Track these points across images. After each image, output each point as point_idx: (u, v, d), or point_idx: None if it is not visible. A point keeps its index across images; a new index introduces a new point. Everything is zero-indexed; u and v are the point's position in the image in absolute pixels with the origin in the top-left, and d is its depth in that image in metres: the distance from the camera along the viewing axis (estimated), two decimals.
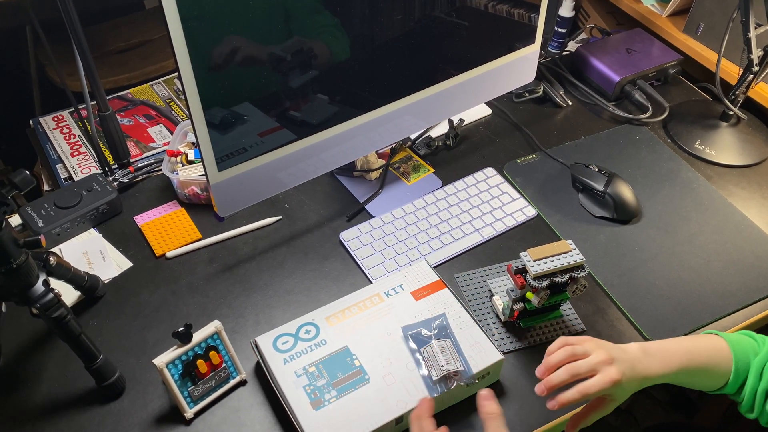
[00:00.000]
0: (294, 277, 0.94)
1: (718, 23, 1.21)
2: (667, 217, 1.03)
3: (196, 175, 1.01)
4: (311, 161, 0.92)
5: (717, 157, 1.13)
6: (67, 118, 1.22)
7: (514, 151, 1.15)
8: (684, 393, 1.51)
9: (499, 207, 1.03)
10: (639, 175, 1.09)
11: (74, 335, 0.74)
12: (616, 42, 1.30)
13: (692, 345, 0.74)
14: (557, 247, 0.79)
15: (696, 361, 0.73)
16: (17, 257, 0.70)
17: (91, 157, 1.13)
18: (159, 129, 1.20)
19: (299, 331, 0.81)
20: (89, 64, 0.93)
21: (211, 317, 0.84)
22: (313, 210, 1.04)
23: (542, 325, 0.87)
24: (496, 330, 0.86)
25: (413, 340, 0.79)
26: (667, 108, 1.20)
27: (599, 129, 1.19)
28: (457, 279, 0.93)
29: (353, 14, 0.84)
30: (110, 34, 1.65)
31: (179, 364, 0.75)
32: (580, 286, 0.81)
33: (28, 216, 0.96)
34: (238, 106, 0.80)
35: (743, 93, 1.13)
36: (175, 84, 1.31)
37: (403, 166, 1.11)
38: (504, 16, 1.01)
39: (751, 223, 1.02)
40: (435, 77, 0.98)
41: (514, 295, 0.82)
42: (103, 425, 0.77)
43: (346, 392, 0.75)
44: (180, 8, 0.69)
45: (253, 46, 0.77)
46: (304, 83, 0.84)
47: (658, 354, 0.72)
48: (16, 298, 0.73)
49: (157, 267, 0.95)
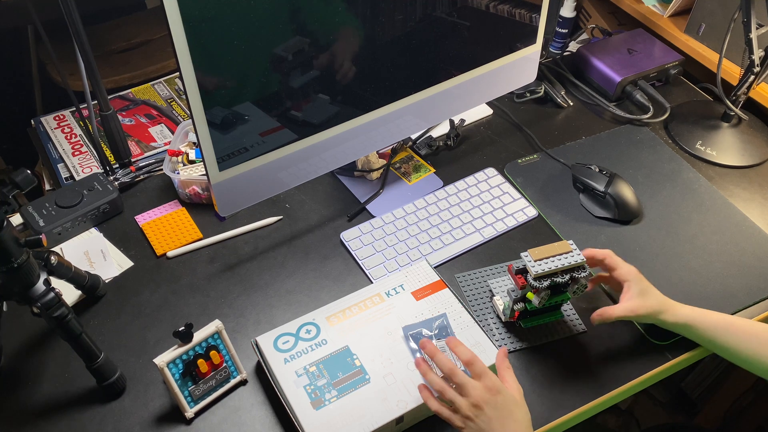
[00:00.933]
0: (295, 277, 0.94)
1: (720, 24, 1.21)
2: (668, 217, 1.03)
3: (197, 175, 1.01)
4: (312, 161, 0.92)
5: (718, 157, 1.13)
6: (69, 118, 1.22)
7: (515, 152, 1.15)
8: (685, 394, 1.51)
9: (500, 207, 1.03)
10: (640, 176, 1.09)
11: (75, 334, 0.74)
12: (618, 42, 1.30)
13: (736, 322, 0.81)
14: (558, 247, 0.79)
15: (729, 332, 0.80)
16: (18, 256, 0.70)
17: (93, 157, 1.14)
18: (160, 128, 1.20)
19: (300, 331, 0.81)
20: (91, 63, 0.93)
21: (212, 317, 0.84)
22: (314, 210, 1.04)
23: (543, 325, 0.87)
24: (497, 330, 0.86)
25: (414, 340, 0.79)
26: (669, 108, 1.20)
27: (600, 129, 1.19)
28: (457, 279, 0.93)
29: (354, 13, 0.84)
30: (112, 33, 1.65)
31: (180, 363, 0.75)
32: (580, 286, 0.81)
33: (29, 215, 0.96)
34: (239, 106, 0.80)
35: (744, 93, 1.13)
36: (176, 83, 1.31)
37: (404, 166, 1.11)
38: (505, 16, 1.01)
39: (752, 224, 1.01)
40: (436, 77, 0.98)
41: (515, 296, 0.82)
42: (103, 424, 0.77)
43: (347, 392, 0.75)
44: (181, 8, 0.69)
45: (255, 46, 0.78)
46: (306, 83, 0.84)
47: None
48: (18, 297, 0.73)
49: (158, 266, 0.95)
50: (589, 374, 0.83)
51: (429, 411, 0.77)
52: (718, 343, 0.81)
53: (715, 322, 0.81)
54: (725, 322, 0.81)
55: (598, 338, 0.86)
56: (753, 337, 0.79)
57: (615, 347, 0.86)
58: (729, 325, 0.81)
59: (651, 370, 0.84)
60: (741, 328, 0.80)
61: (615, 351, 0.85)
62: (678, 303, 0.83)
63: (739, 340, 0.79)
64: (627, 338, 0.87)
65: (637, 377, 0.83)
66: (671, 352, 0.86)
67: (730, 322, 0.81)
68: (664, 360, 0.85)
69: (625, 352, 0.85)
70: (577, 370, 0.83)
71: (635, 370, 0.84)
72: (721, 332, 0.80)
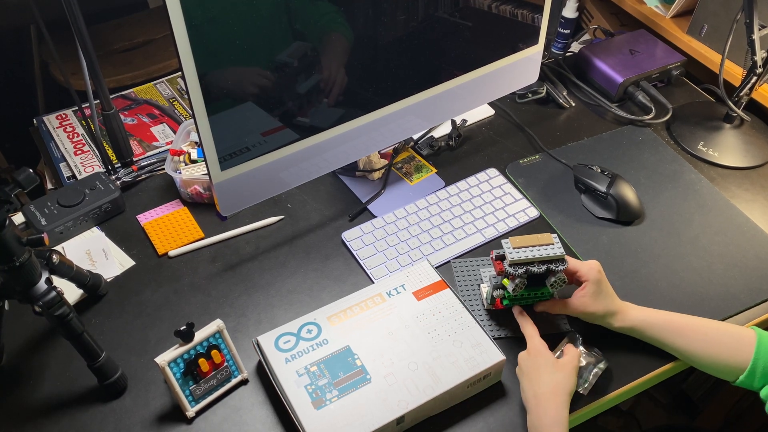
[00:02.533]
0: (296, 277, 0.94)
1: (722, 25, 1.21)
2: (670, 218, 1.03)
3: (199, 174, 1.01)
4: (314, 161, 0.92)
5: (720, 158, 1.13)
6: (71, 117, 1.22)
7: (516, 152, 1.14)
8: (686, 395, 1.51)
9: (501, 208, 1.03)
10: (642, 177, 1.09)
11: (76, 333, 0.75)
12: (620, 43, 1.30)
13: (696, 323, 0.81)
14: (540, 238, 0.80)
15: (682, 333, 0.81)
16: (20, 255, 0.70)
17: (95, 156, 1.14)
18: (162, 128, 1.20)
19: (301, 331, 0.81)
20: (93, 62, 0.93)
21: (213, 316, 0.84)
22: (316, 210, 1.04)
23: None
24: (478, 316, 0.87)
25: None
26: (671, 109, 1.20)
27: (602, 130, 1.19)
28: (452, 265, 0.95)
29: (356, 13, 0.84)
30: (114, 33, 1.65)
31: (181, 362, 0.75)
32: (558, 280, 0.81)
33: (31, 214, 0.96)
34: (241, 106, 0.80)
35: (747, 95, 1.13)
36: (178, 83, 1.31)
37: (405, 166, 1.11)
38: (507, 16, 1.01)
39: (754, 225, 1.01)
40: (438, 77, 0.98)
41: (494, 282, 0.83)
42: (104, 423, 0.77)
43: (348, 392, 0.75)
44: (184, 7, 0.69)
45: (256, 46, 0.78)
46: (308, 83, 0.84)
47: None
48: (19, 296, 0.73)
49: (160, 266, 0.95)
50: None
51: (430, 411, 0.77)
52: (667, 344, 0.82)
53: (662, 324, 0.82)
54: (675, 324, 0.82)
55: (598, 337, 0.86)
56: (701, 336, 0.80)
57: (615, 348, 0.85)
58: (679, 326, 0.81)
59: (652, 371, 0.84)
60: (690, 327, 0.81)
61: (615, 352, 0.85)
62: (632, 306, 0.84)
63: (688, 341, 0.80)
64: (628, 339, 0.86)
65: (638, 378, 0.83)
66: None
67: (680, 323, 0.82)
68: (666, 361, 0.85)
69: (626, 352, 0.85)
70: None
71: (636, 371, 0.83)
72: (668, 334, 0.81)
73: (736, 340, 0.79)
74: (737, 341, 0.79)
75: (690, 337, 0.80)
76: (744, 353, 0.77)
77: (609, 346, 0.85)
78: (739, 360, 0.77)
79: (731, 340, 0.79)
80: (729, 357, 0.78)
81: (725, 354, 0.79)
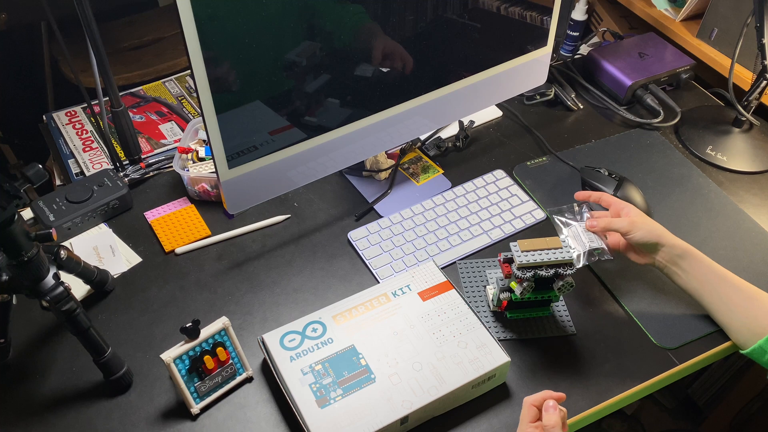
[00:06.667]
0: (302, 276, 0.94)
1: (732, 28, 1.21)
2: (678, 222, 1.02)
3: (207, 172, 1.01)
4: (321, 160, 0.93)
5: (729, 163, 1.13)
6: (80, 114, 1.23)
7: (524, 154, 1.14)
8: (692, 400, 1.50)
9: (508, 209, 1.03)
10: (649, 180, 1.09)
11: (83, 329, 0.75)
12: (629, 46, 1.29)
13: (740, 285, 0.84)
14: (549, 242, 0.80)
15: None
16: (28, 250, 0.71)
17: (103, 153, 1.14)
18: (170, 126, 1.21)
19: (306, 329, 0.81)
20: (103, 60, 0.94)
21: (219, 314, 0.85)
22: (322, 209, 1.04)
23: (530, 319, 0.87)
24: (484, 318, 0.87)
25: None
26: (679, 113, 1.20)
27: (610, 133, 1.19)
28: (458, 266, 0.95)
29: (366, 15, 0.84)
30: (124, 30, 1.66)
31: (186, 359, 0.75)
32: (566, 284, 0.80)
33: (39, 210, 0.96)
34: (249, 104, 0.81)
35: (756, 99, 1.12)
36: (187, 81, 1.32)
37: (412, 167, 1.11)
38: (516, 18, 1.01)
39: (762, 230, 1.01)
40: (446, 78, 0.98)
41: (501, 284, 0.83)
42: (110, 419, 0.78)
43: (352, 391, 0.75)
44: (194, 6, 0.69)
45: (266, 45, 0.78)
46: (316, 83, 0.85)
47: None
48: (27, 290, 0.74)
49: (166, 263, 0.96)
50: (593, 378, 0.82)
51: (434, 412, 0.77)
52: (701, 289, 0.84)
53: (707, 266, 0.84)
54: (716, 273, 0.84)
55: (603, 341, 0.86)
56: (734, 291, 0.83)
57: (620, 351, 0.85)
58: (720, 275, 0.84)
59: (657, 375, 0.83)
60: (728, 282, 0.84)
61: (620, 355, 0.85)
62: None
63: (720, 293, 0.83)
64: (633, 342, 0.86)
65: (642, 382, 0.83)
66: (678, 357, 0.85)
67: (722, 274, 0.84)
68: (671, 365, 0.84)
69: (631, 356, 0.85)
70: (581, 372, 0.83)
71: (641, 375, 0.83)
72: (710, 277, 0.84)
73: (761, 307, 0.80)
74: (762, 308, 0.80)
75: (723, 292, 0.83)
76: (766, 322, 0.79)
77: (613, 348, 0.85)
78: (759, 327, 0.79)
79: (758, 305, 0.81)
80: (752, 320, 0.80)
81: (751, 316, 0.81)
